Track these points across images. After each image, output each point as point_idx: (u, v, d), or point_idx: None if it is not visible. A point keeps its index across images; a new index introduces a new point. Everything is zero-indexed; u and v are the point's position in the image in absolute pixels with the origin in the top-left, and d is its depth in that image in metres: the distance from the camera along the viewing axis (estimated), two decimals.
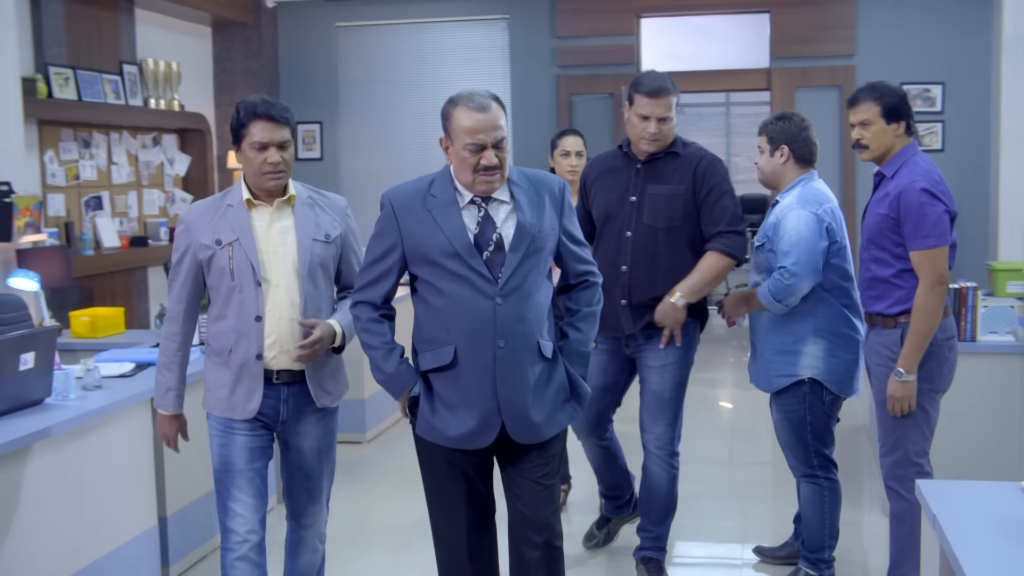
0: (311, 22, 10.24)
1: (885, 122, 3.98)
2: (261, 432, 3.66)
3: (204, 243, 3.55)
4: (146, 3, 8.61)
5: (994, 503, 2.80)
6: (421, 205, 3.25)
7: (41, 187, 7.51)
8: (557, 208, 3.33)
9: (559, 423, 3.34)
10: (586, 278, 3.45)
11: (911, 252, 3.92)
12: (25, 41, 7.41)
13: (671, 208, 4.18)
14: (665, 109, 4.10)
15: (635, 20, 9.79)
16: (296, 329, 3.56)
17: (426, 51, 10.16)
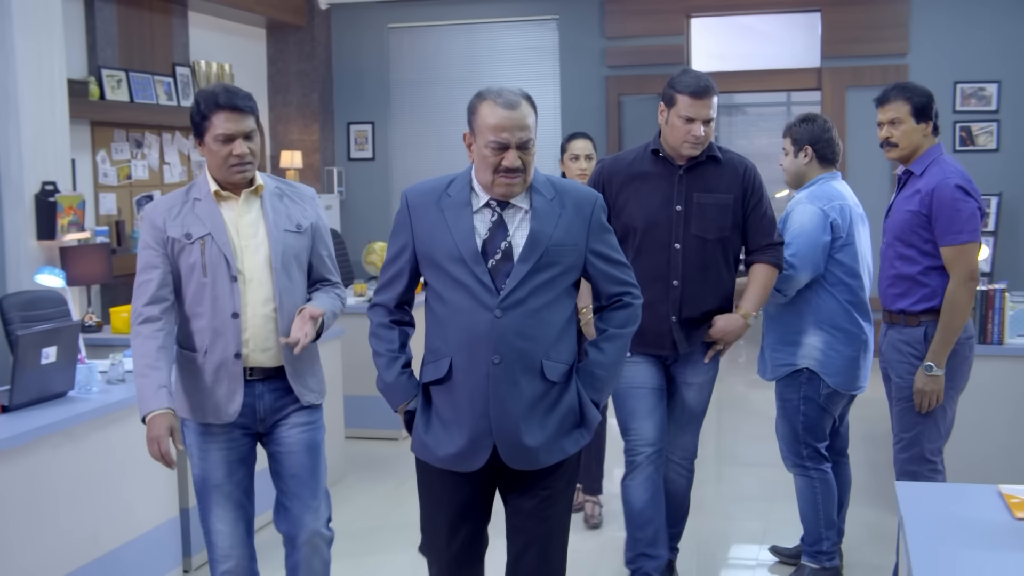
0: (364, 24, 10.37)
1: (915, 121, 4.07)
2: (240, 440, 3.49)
3: (173, 237, 3.38)
4: (200, 7, 8.79)
5: (966, 506, 2.80)
6: (436, 204, 3.06)
7: (93, 187, 7.71)
8: (584, 223, 3.07)
9: (562, 450, 3.07)
10: (621, 298, 3.18)
11: (943, 248, 3.98)
12: (79, 45, 7.62)
13: (722, 218, 3.96)
14: (711, 110, 3.88)
15: (685, 20, 9.78)
16: (271, 325, 3.42)
17: (477, 52, 10.24)
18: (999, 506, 2.78)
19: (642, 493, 4.12)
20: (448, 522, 3.15)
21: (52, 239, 6.34)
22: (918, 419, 4.05)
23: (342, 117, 10.45)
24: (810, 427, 4.29)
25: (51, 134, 6.40)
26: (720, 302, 4.04)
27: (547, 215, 3.02)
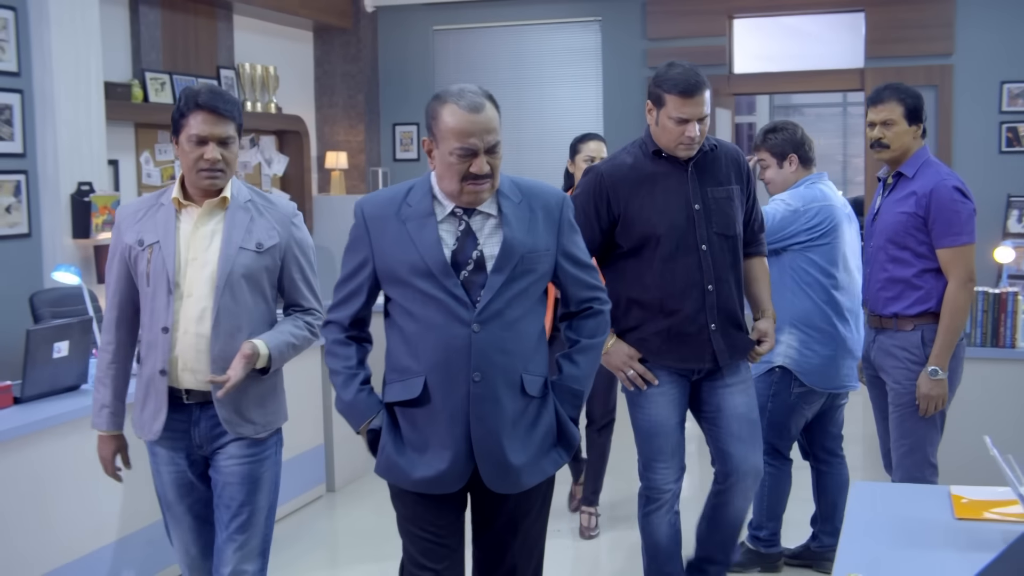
0: (409, 26, 10.50)
1: (907, 123, 4.03)
2: (184, 464, 3.31)
3: (127, 243, 3.27)
4: (246, 11, 8.97)
5: (914, 506, 2.82)
6: (395, 216, 2.88)
7: (137, 187, 7.92)
8: (554, 225, 2.93)
9: (542, 471, 2.94)
10: (591, 304, 3.04)
11: (940, 250, 3.95)
12: (124, 49, 7.83)
13: (735, 211, 3.75)
14: (704, 107, 3.59)
15: (727, 21, 9.76)
16: (203, 346, 3.19)
17: (521, 53, 10.32)
18: (945, 506, 2.80)
19: (667, 528, 3.89)
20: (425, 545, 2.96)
21: (87, 238, 6.54)
22: (920, 424, 4.02)
23: (388, 118, 10.59)
24: (774, 424, 4.35)
25: (87, 136, 6.60)
26: (742, 304, 3.85)
27: (518, 221, 2.86)
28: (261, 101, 9.09)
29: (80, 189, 6.48)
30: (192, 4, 8.40)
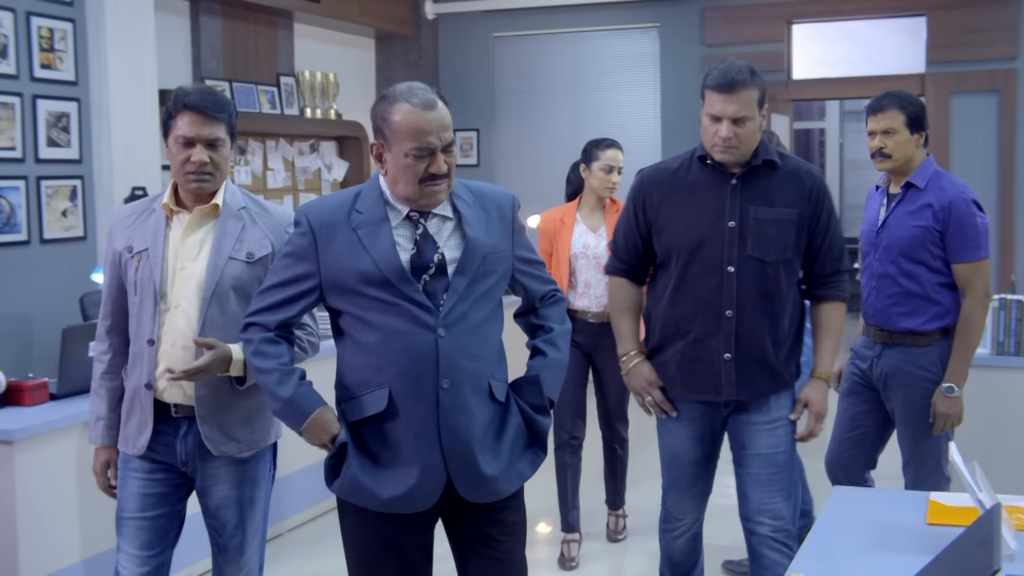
0: (469, 33, 10.61)
1: (909, 131, 3.95)
2: (160, 476, 3.17)
3: (118, 249, 3.17)
4: (307, 19, 9.14)
5: (889, 511, 2.83)
6: (346, 223, 2.72)
7: None
8: (507, 226, 2.85)
9: (520, 475, 2.83)
10: (554, 294, 2.99)
11: (959, 264, 3.88)
12: (184, 58, 8.05)
13: (783, 237, 3.39)
14: (738, 107, 3.28)
15: (786, 27, 9.72)
16: (189, 359, 3.06)
17: (580, 60, 10.37)
18: (920, 512, 2.80)
19: (683, 545, 3.75)
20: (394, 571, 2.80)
21: None
22: (936, 441, 3.97)
23: None
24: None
25: (141, 142, 6.80)
26: (784, 339, 3.47)
27: (477, 222, 2.77)
28: (321, 107, 9.26)
29: (134, 194, 6.67)
30: (252, 13, 8.59)
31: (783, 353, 3.48)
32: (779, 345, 3.45)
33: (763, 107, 3.37)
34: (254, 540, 3.27)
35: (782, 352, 3.47)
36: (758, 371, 3.43)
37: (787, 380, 3.51)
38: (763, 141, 3.43)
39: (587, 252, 4.96)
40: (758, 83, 3.33)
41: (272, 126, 8.75)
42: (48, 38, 6.39)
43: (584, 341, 4.95)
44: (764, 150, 3.42)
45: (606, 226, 4.96)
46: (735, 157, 3.37)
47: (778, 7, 9.67)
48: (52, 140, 6.42)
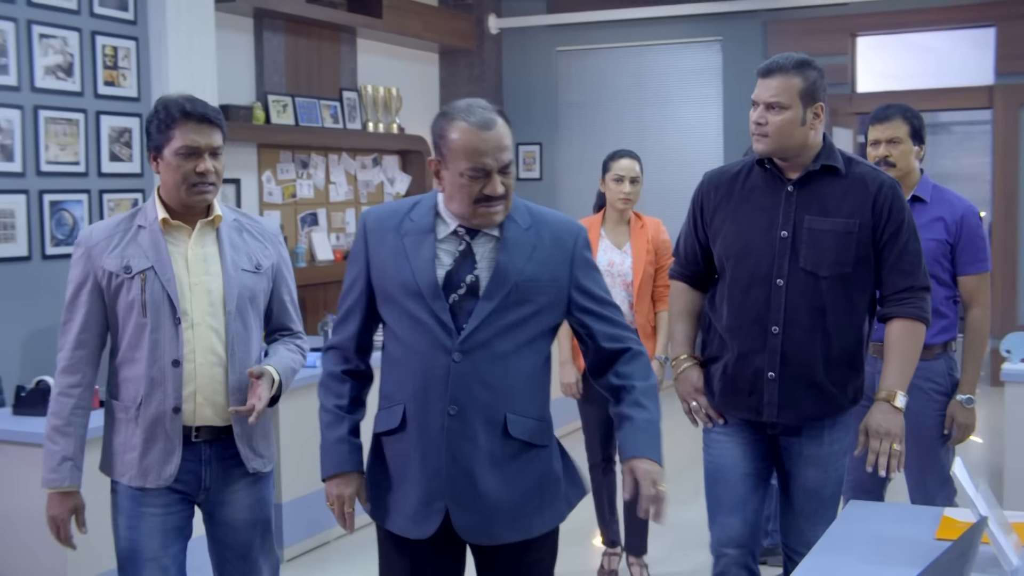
0: (532, 47, 10.69)
1: (912, 142, 3.95)
2: (178, 507, 3.03)
3: (109, 270, 2.96)
4: (370, 34, 9.28)
5: (900, 526, 2.81)
6: (396, 229, 2.67)
7: (258, 205, 8.29)
8: (565, 256, 2.67)
9: (525, 528, 2.67)
10: (627, 345, 2.72)
11: (967, 276, 3.91)
12: (248, 73, 8.22)
13: (842, 249, 3.13)
14: (775, 93, 3.09)
15: (850, 39, 9.65)
16: (220, 376, 3.00)
17: (643, 73, 10.39)
18: (931, 527, 2.79)
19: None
20: None
21: None
22: (945, 452, 3.96)
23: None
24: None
25: None
26: (840, 360, 3.19)
27: (519, 246, 2.62)
28: (384, 122, 9.39)
29: None
30: (316, 29, 8.74)
31: (838, 375, 3.19)
32: (832, 366, 3.17)
33: (813, 102, 3.12)
34: (272, 559, 3.22)
35: (836, 374, 3.18)
36: (805, 393, 3.17)
37: (842, 405, 3.23)
38: (828, 145, 3.18)
39: (612, 270, 4.73)
40: (804, 74, 3.09)
41: (334, 140, 8.89)
42: (112, 56, 6.57)
43: None
44: (826, 154, 3.16)
45: (631, 243, 4.78)
46: (767, 147, 3.14)
47: (842, 19, 9.61)
48: (115, 155, 6.60)
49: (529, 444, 2.64)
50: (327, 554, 5.35)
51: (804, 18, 9.70)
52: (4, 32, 5.97)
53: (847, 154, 3.22)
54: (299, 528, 5.28)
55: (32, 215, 6.11)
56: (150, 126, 2.98)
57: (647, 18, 10.11)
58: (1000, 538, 2.41)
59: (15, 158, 6.02)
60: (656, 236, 4.80)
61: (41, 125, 6.15)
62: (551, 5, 10.58)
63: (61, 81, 6.28)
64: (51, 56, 6.22)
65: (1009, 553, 2.40)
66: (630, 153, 4.83)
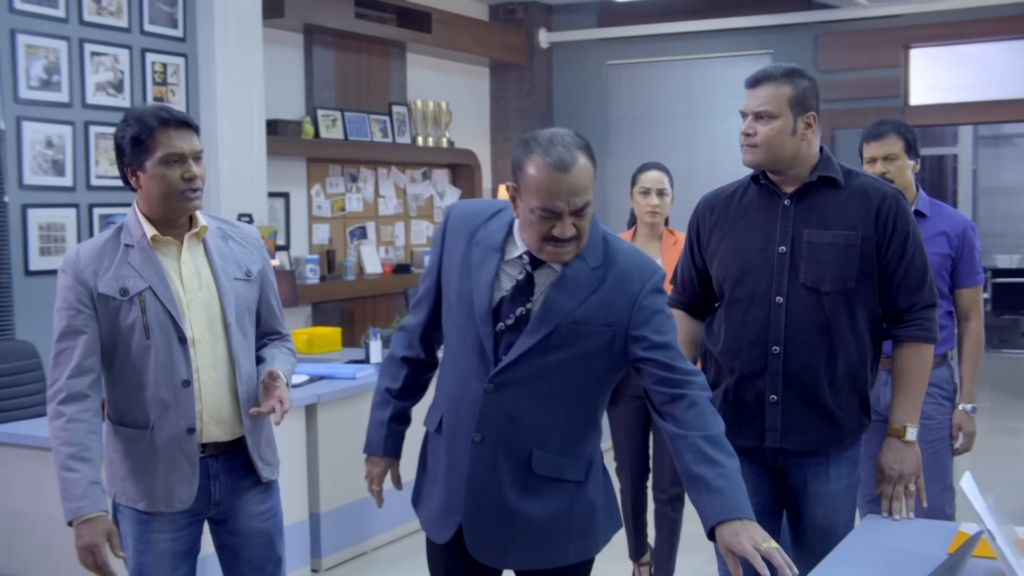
0: (583, 61, 10.71)
1: (907, 157, 3.99)
2: (187, 529, 2.99)
3: (105, 294, 2.86)
4: (420, 49, 9.36)
5: (915, 540, 2.79)
6: (471, 235, 2.60)
7: (308, 218, 8.39)
8: (629, 302, 2.52)
9: (540, 558, 2.62)
10: (684, 392, 2.51)
11: (966, 289, 4.00)
12: (297, 88, 8.33)
13: (843, 263, 2.98)
14: (762, 102, 2.97)
15: (903, 51, 9.56)
16: (224, 392, 2.96)
17: (693, 87, 10.37)
18: (945, 542, 2.76)
19: None
20: None
21: None
22: (949, 459, 4.05)
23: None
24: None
25: (248, 170, 7.07)
26: (845, 381, 3.03)
27: (576, 285, 2.50)
28: (433, 136, 9.46)
29: (240, 220, 6.93)
30: (365, 44, 8.84)
31: (843, 398, 3.03)
32: (837, 388, 3.01)
33: (804, 111, 3.00)
34: (283, 570, 3.18)
35: (841, 396, 3.02)
36: (811, 417, 3.01)
37: (847, 430, 3.05)
38: (825, 156, 3.05)
39: None
40: (794, 82, 2.98)
41: (384, 154, 8.98)
42: (161, 72, 6.71)
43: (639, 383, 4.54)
44: (823, 165, 3.02)
45: (662, 259, 4.55)
46: (756, 158, 3.00)
47: (895, 31, 9.52)
48: None
49: (561, 481, 2.59)
50: (366, 564, 5.40)
51: (856, 30, 9.63)
52: (57, 51, 6.12)
53: (847, 166, 3.10)
54: (338, 538, 5.33)
55: (82, 228, 6.25)
56: (122, 141, 2.86)
57: (697, 31, 10.10)
58: (1008, 554, 2.39)
59: (66, 173, 6.17)
60: None
61: (91, 140, 6.30)
62: (601, 19, 10.60)
63: (111, 97, 6.42)
64: (102, 73, 6.37)
65: (1018, 570, 2.38)
66: (657, 165, 4.72)
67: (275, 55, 7.88)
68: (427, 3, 9.22)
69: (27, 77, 5.98)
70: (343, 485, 5.30)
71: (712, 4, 9.92)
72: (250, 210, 7.02)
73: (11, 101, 5.91)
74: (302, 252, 8.29)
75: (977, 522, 2.42)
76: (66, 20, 6.17)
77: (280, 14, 7.63)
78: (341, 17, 8.22)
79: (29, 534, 4.30)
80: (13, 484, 4.36)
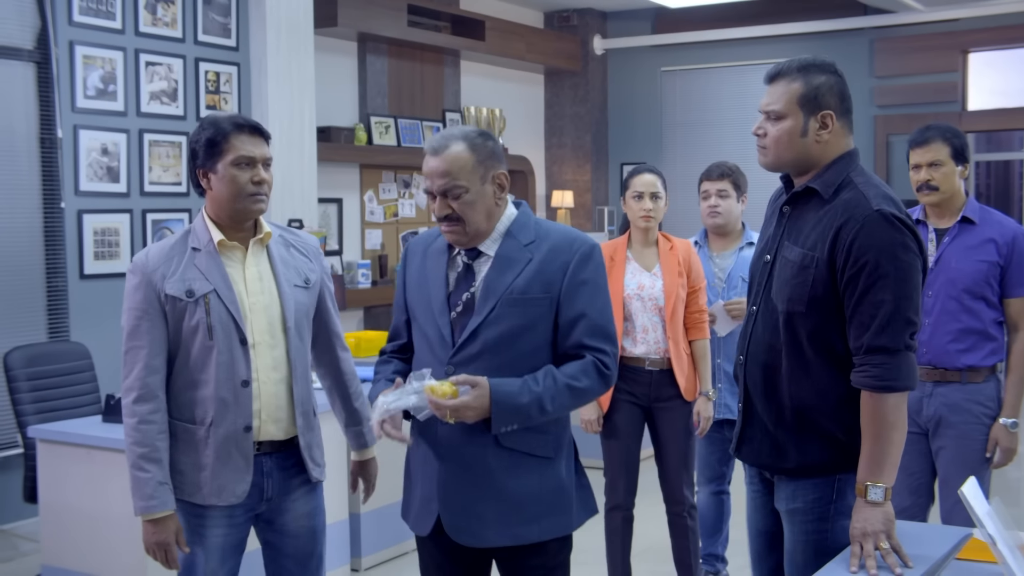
0: (636, 67, 10.74)
1: (954, 164, 3.89)
2: (240, 520, 3.09)
3: (172, 295, 2.97)
4: (474, 56, 9.44)
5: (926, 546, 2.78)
6: (425, 251, 2.88)
7: (360, 224, 8.51)
8: (561, 271, 2.71)
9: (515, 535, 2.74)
10: (582, 353, 2.73)
11: (1015, 299, 3.88)
12: (351, 96, 8.46)
13: (796, 285, 2.73)
14: (772, 99, 2.79)
15: (960, 56, 9.46)
16: (283, 393, 3.07)
17: (747, 93, 10.33)
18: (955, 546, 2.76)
19: None
20: None
21: None
22: (987, 476, 3.92)
23: (616, 158, 10.85)
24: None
25: (299, 177, 7.20)
26: (795, 418, 2.77)
27: (509, 262, 2.73)
28: None
29: (290, 225, 7.06)
30: (419, 52, 8.95)
31: (787, 430, 2.79)
32: (782, 417, 2.79)
33: (817, 110, 2.74)
34: (324, 567, 3.28)
35: (784, 428, 2.80)
36: (760, 436, 2.86)
37: (793, 462, 2.79)
38: (834, 163, 2.76)
39: (642, 293, 4.45)
40: (808, 78, 2.75)
41: None
42: (215, 81, 6.86)
43: (641, 392, 4.45)
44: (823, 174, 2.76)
45: (660, 265, 4.48)
46: (765, 160, 2.82)
47: (952, 36, 9.43)
48: None
49: (529, 455, 2.73)
50: (405, 564, 5.46)
51: (912, 35, 9.55)
52: (114, 61, 6.29)
53: (854, 177, 2.75)
54: (377, 538, 5.41)
55: (136, 233, 6.41)
56: (197, 145, 3.00)
57: (751, 37, 10.08)
58: (1010, 560, 2.39)
59: (120, 179, 6.33)
60: (687, 258, 4.50)
61: (146, 148, 6.46)
62: (656, 26, 10.62)
63: (165, 106, 6.58)
64: (156, 82, 6.53)
65: (1019, 573, 2.38)
66: (650, 168, 4.57)
67: (329, 63, 8.01)
68: (481, 11, 9.31)
69: (84, 87, 6.15)
70: (383, 486, 5.32)
71: (767, 10, 9.90)
72: (300, 216, 7.14)
73: (69, 111, 6.09)
74: (354, 257, 8.42)
75: (979, 527, 2.43)
76: (122, 31, 6.34)
77: (334, 23, 7.76)
78: (394, 26, 8.33)
79: (81, 530, 4.43)
80: (66, 481, 4.49)
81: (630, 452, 4.49)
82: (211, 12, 6.84)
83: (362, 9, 7.97)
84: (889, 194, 2.73)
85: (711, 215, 4.75)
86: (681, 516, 4.56)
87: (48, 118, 6.02)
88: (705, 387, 4.49)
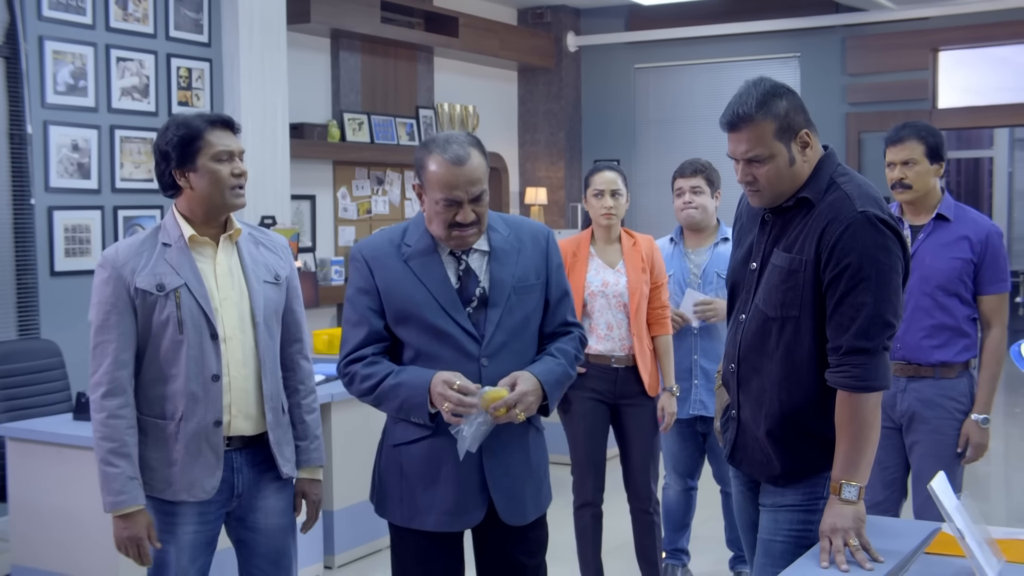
0: (610, 65, 10.76)
1: (929, 162, 3.90)
2: (212, 518, 3.09)
3: (142, 289, 2.96)
4: (447, 53, 9.44)
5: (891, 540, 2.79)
6: (396, 255, 2.90)
7: (333, 220, 8.49)
8: (541, 255, 2.99)
9: (539, 505, 3.03)
10: (569, 330, 3.05)
11: (988, 296, 3.90)
12: (324, 92, 8.44)
13: (787, 290, 2.75)
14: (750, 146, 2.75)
15: (931, 54, 9.53)
16: (252, 388, 3.07)
17: (720, 90, 10.36)
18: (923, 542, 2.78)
19: None
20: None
21: None
22: (959, 472, 3.95)
23: (589, 155, 10.87)
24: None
25: (272, 174, 7.17)
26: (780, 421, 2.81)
27: (506, 254, 2.94)
28: None
29: (263, 222, 7.03)
30: (392, 49, 8.94)
31: (780, 437, 2.82)
32: (774, 425, 2.82)
33: (794, 135, 2.72)
34: (295, 567, 3.27)
35: (776, 436, 2.82)
36: (751, 444, 2.90)
37: (785, 469, 2.83)
38: (819, 173, 2.76)
39: (606, 290, 4.45)
40: (771, 112, 2.70)
41: (410, 157, 8.98)
42: (186, 77, 6.82)
43: (606, 389, 4.44)
44: (808, 184, 2.77)
45: (624, 262, 4.48)
46: (765, 201, 2.81)
47: (923, 34, 9.49)
48: None
49: (537, 428, 3.02)
50: (378, 561, 5.46)
51: (884, 33, 9.61)
52: (84, 56, 6.24)
53: (836, 177, 2.76)
54: (350, 535, 5.40)
55: (107, 230, 6.37)
56: (168, 146, 2.97)
57: (725, 35, 10.12)
58: (978, 554, 2.41)
59: (91, 176, 6.29)
60: (651, 254, 4.50)
61: (117, 144, 6.42)
62: (629, 23, 10.64)
63: (136, 102, 6.54)
64: (127, 78, 6.49)
65: (987, 568, 2.40)
66: (611, 166, 4.56)
67: (302, 59, 7.99)
68: (455, 8, 9.31)
69: (54, 83, 6.10)
70: (356, 483, 5.36)
71: (739, 8, 9.95)
72: (273, 212, 7.12)
73: (38, 106, 6.04)
74: (328, 254, 8.40)
75: (947, 521, 2.45)
76: (93, 27, 6.29)
77: (307, 19, 7.74)
78: (368, 22, 8.31)
79: (51, 529, 4.40)
80: (36, 479, 4.46)
81: (597, 449, 4.48)
82: (183, 8, 6.80)
83: (335, 6, 7.96)
84: (872, 194, 2.73)
85: (685, 212, 4.72)
86: (647, 512, 4.54)
87: (17, 114, 5.97)
88: (668, 383, 4.49)
